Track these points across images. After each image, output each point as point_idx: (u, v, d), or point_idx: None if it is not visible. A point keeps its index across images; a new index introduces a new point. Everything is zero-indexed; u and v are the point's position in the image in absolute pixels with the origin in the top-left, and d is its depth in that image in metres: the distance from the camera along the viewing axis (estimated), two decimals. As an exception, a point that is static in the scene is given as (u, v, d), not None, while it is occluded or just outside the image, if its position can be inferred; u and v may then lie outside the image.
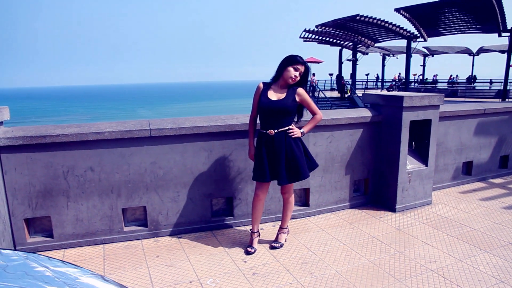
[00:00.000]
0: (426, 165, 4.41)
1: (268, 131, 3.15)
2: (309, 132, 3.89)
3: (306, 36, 25.86)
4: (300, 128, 3.29)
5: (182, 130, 3.57)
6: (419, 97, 4.10)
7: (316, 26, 24.26)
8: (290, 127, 3.18)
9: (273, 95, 3.16)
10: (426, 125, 4.36)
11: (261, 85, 3.28)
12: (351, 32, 25.32)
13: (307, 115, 3.41)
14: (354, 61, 28.66)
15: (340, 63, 31.54)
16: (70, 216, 3.44)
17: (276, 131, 3.13)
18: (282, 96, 3.15)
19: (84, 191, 3.43)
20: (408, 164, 4.32)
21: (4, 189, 3.25)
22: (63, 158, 3.31)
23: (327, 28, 24.54)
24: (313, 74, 27.22)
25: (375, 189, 4.54)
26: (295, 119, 3.34)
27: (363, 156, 4.36)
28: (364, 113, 4.25)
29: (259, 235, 3.51)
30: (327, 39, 27.41)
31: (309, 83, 25.79)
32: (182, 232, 3.79)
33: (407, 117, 4.10)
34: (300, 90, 3.19)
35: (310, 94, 26.16)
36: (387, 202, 4.40)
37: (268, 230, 3.86)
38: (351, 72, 29.63)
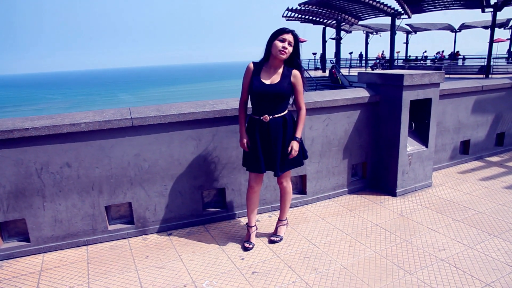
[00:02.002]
0: (426, 146, 4.21)
1: (262, 117, 2.84)
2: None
3: (289, 15, 25.33)
4: (293, 137, 2.93)
5: (167, 118, 3.25)
6: (419, 75, 3.86)
7: (299, 5, 23.74)
8: (290, 149, 2.88)
9: (266, 78, 2.84)
10: (426, 105, 4.13)
11: (251, 65, 2.93)
12: (335, 10, 24.88)
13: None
14: (338, 40, 28.33)
15: (324, 42, 31.16)
16: (48, 217, 3.12)
17: (271, 117, 2.84)
18: (276, 78, 2.84)
19: (62, 190, 3.10)
20: (408, 146, 4.11)
21: (-30, 190, 2.90)
22: (35, 154, 2.97)
23: (310, 7, 24.05)
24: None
25: (373, 173, 4.33)
26: (290, 102, 3.05)
27: (361, 139, 4.13)
28: (362, 93, 3.99)
29: (257, 228, 3.26)
30: (311, 17, 26.93)
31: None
32: (172, 228, 3.52)
33: (408, 97, 3.86)
34: (296, 72, 2.89)
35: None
36: (386, 186, 4.20)
37: (265, 221, 3.62)
38: (335, 50, 29.32)
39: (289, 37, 2.79)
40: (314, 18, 27.28)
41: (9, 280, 2.75)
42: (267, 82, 2.83)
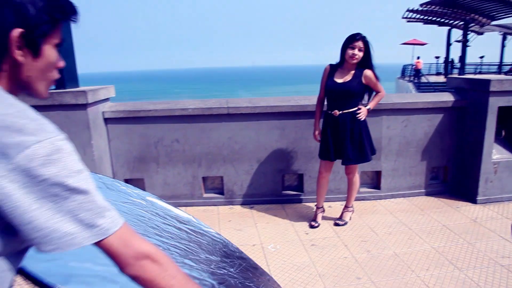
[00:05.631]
0: (517, 156, 4.06)
1: (333, 112, 3.26)
2: (381, 116, 3.89)
3: (409, 16, 24.16)
4: (366, 105, 3.33)
5: (256, 109, 3.86)
6: (510, 80, 3.78)
7: (421, 5, 22.47)
8: (357, 109, 3.24)
9: (339, 78, 3.25)
10: (521, 112, 3.99)
11: (328, 67, 3.37)
12: (462, 9, 22.91)
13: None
14: (464, 42, 25.97)
15: (448, 44, 28.84)
16: (159, 180, 4.00)
17: (340, 112, 3.23)
18: (348, 78, 3.22)
19: (171, 160, 3.94)
20: (495, 154, 4.03)
21: (110, 153, 3.90)
22: (154, 130, 3.85)
23: (433, 7, 22.59)
24: (418, 58, 25.39)
25: (455, 178, 4.33)
26: (363, 102, 3.38)
27: (443, 143, 4.18)
28: (445, 98, 4.06)
29: (323, 210, 3.68)
30: (434, 18, 25.24)
31: (413, 66, 23.68)
32: (254, 203, 4.12)
33: (495, 103, 3.81)
34: (367, 72, 3.22)
35: (412, 79, 24.58)
36: (467, 192, 4.17)
37: (337, 208, 3.98)
38: (460, 54, 26.97)
39: (359, 44, 3.15)
40: (438, 19, 25.50)
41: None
42: (339, 81, 3.23)
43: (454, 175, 4.33)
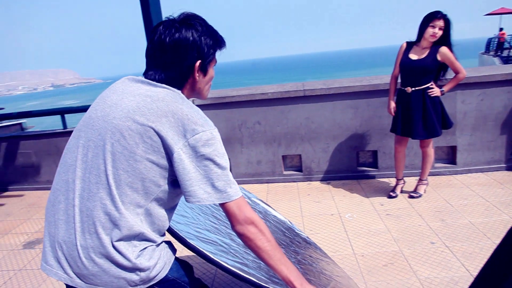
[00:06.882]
0: None
1: (406, 89, 3.42)
2: (455, 90, 3.92)
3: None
4: (441, 86, 3.42)
5: (331, 90, 4.12)
6: None
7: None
8: (430, 86, 3.36)
9: (414, 55, 3.37)
10: None
11: (405, 44, 3.50)
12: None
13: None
14: None
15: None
16: (243, 159, 4.46)
17: (413, 89, 3.37)
18: (423, 55, 3.33)
19: (253, 140, 4.38)
20: None
21: (200, 136, 4.44)
22: (238, 114, 4.30)
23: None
24: (501, 29, 23.09)
25: (539, 151, 4.21)
26: (438, 78, 3.48)
27: (525, 115, 4.09)
28: (527, 69, 3.96)
29: (404, 182, 3.86)
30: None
31: (496, 40, 21.59)
32: (331, 179, 4.42)
33: None
34: (443, 49, 3.30)
35: (497, 53, 22.56)
36: (553, 165, 4.06)
37: (411, 183, 4.12)
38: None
39: (440, 23, 3.22)
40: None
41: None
42: (414, 58, 3.36)
43: (538, 148, 4.21)
